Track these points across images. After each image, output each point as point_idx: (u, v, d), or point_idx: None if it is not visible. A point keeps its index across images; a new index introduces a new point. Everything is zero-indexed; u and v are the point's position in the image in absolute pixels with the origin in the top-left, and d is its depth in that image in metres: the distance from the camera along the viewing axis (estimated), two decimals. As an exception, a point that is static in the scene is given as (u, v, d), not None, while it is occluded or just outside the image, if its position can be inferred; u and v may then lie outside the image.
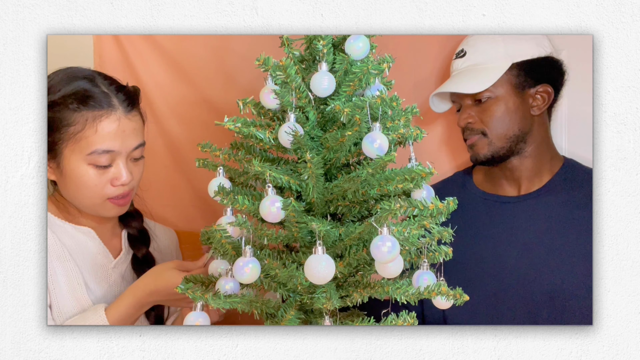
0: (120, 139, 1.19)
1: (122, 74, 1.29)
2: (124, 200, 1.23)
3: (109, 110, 1.18)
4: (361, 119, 1.03)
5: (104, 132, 1.17)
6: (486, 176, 1.34)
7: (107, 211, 1.23)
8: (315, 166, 1.03)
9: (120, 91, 1.21)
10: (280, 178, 1.07)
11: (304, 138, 1.05)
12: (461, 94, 1.29)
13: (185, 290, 1.10)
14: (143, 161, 1.25)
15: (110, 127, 1.18)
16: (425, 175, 1.05)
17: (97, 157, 1.18)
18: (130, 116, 1.21)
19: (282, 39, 1.14)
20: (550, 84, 1.28)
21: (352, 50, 1.09)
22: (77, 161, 1.18)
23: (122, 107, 1.19)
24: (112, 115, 1.18)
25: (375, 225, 1.00)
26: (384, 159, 1.02)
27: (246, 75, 1.35)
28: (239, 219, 1.07)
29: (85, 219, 1.26)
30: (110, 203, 1.22)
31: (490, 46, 1.27)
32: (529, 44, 1.27)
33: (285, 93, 1.08)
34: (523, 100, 1.28)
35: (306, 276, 1.01)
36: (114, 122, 1.18)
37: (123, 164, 1.20)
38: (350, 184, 1.06)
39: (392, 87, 1.16)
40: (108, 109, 1.18)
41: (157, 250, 1.32)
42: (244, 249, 1.06)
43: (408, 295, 1.05)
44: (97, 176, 1.19)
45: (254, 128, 1.10)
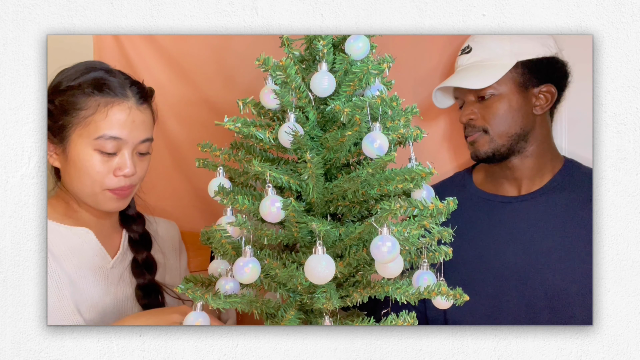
0: (129, 129, 1.20)
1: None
2: (124, 193, 1.22)
3: (121, 99, 1.20)
4: (361, 119, 1.03)
5: (114, 118, 1.19)
6: (486, 176, 1.34)
7: (106, 203, 1.22)
8: (315, 166, 1.03)
9: (134, 84, 1.23)
10: (280, 178, 1.07)
11: (304, 138, 1.05)
12: (464, 90, 1.29)
13: (185, 290, 1.10)
14: (149, 159, 1.25)
15: (121, 115, 1.19)
16: (425, 175, 1.05)
17: (103, 143, 1.18)
18: (141, 108, 1.22)
19: (282, 39, 1.13)
20: (554, 84, 1.28)
21: (352, 50, 1.09)
22: (83, 145, 1.19)
23: (135, 99, 1.21)
24: (123, 103, 1.20)
25: (375, 225, 1.00)
26: (384, 159, 1.02)
27: (246, 75, 1.35)
28: (239, 219, 1.07)
29: (84, 213, 1.25)
30: (110, 193, 1.21)
31: (496, 44, 1.27)
32: (535, 43, 1.27)
33: (285, 93, 1.08)
34: (526, 99, 1.28)
35: (306, 276, 1.01)
36: (124, 110, 1.20)
37: (129, 154, 1.20)
38: (350, 184, 1.06)
39: (392, 87, 1.16)
40: (121, 97, 1.20)
41: (160, 252, 1.32)
42: (244, 249, 1.06)
43: (408, 295, 1.05)
44: (101, 163, 1.19)
45: (254, 128, 1.10)
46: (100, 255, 1.25)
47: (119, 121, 1.19)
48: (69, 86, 1.20)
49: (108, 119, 1.19)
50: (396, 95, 1.08)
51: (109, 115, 1.19)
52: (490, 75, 1.27)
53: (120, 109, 1.19)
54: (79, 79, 1.20)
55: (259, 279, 1.09)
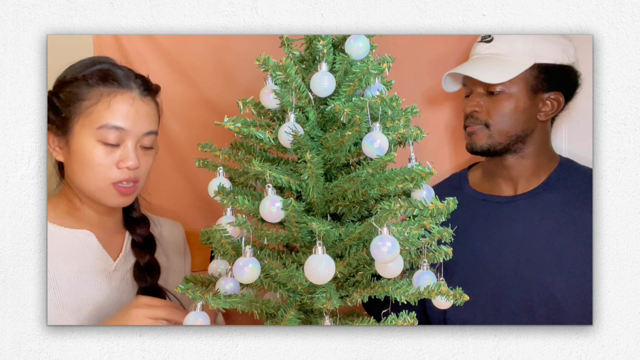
0: (132, 119, 1.19)
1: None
2: (129, 189, 1.21)
3: (124, 89, 1.20)
4: (361, 119, 1.03)
5: (117, 108, 1.18)
6: (483, 176, 1.34)
7: (110, 198, 1.21)
8: (315, 166, 1.03)
9: (139, 77, 1.23)
10: (281, 178, 1.07)
11: (303, 138, 1.05)
12: (475, 80, 1.28)
13: (185, 290, 1.10)
14: (154, 154, 1.24)
15: (124, 105, 1.19)
16: (425, 175, 1.05)
17: (106, 133, 1.18)
18: (145, 100, 1.22)
19: (282, 39, 1.14)
20: (563, 92, 1.28)
21: (352, 50, 1.09)
22: (86, 136, 1.18)
23: (139, 90, 1.21)
24: (127, 94, 1.20)
25: (375, 225, 1.00)
26: (384, 159, 1.02)
27: (246, 75, 1.35)
28: (239, 219, 1.07)
29: (87, 211, 1.24)
30: (114, 189, 1.20)
31: (518, 38, 1.26)
32: (556, 48, 1.26)
33: (285, 93, 1.08)
34: (533, 103, 1.28)
35: (306, 276, 1.01)
36: (127, 100, 1.19)
37: (132, 146, 1.19)
38: (350, 184, 1.06)
39: (392, 87, 1.16)
40: (124, 88, 1.20)
41: (164, 254, 1.31)
42: (244, 249, 1.06)
43: (408, 295, 1.05)
44: (104, 155, 1.18)
45: (253, 128, 1.10)
46: (102, 258, 1.24)
47: (122, 111, 1.18)
48: (74, 77, 1.20)
49: (111, 109, 1.18)
50: (396, 95, 1.08)
51: (111, 104, 1.18)
52: (506, 71, 1.26)
53: (123, 99, 1.19)
54: (84, 72, 1.21)
55: (259, 279, 1.09)
